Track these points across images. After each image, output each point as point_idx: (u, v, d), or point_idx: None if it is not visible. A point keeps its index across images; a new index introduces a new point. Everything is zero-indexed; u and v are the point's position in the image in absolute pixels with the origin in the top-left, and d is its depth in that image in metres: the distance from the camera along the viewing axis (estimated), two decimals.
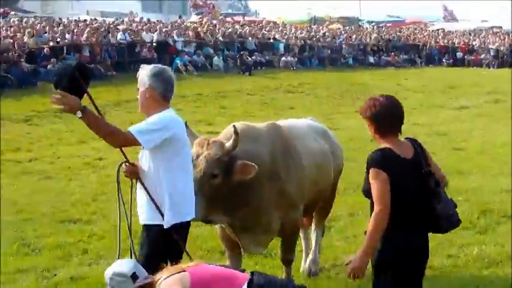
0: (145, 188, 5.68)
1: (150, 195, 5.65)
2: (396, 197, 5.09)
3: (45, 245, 9.22)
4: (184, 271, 4.71)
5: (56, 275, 8.18)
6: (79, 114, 5.23)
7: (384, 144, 5.27)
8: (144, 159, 5.76)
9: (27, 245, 9.19)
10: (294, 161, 7.15)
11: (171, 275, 4.67)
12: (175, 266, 4.82)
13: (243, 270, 5.04)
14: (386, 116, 5.25)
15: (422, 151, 5.38)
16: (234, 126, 6.37)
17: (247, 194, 6.59)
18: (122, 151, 5.72)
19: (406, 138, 5.43)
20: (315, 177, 7.45)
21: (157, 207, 5.63)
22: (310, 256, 8.32)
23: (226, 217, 6.66)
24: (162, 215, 5.61)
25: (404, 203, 5.14)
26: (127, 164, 5.78)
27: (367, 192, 5.23)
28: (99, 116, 5.53)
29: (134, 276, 4.73)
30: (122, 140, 5.54)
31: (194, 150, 6.30)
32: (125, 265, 4.85)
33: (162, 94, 5.74)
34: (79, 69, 5.43)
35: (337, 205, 8.79)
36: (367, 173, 5.21)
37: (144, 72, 5.79)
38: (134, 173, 5.76)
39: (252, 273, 4.83)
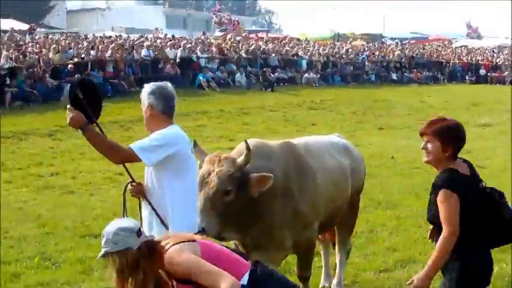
0: (150, 204, 5.75)
1: (155, 211, 5.72)
2: (466, 216, 5.10)
3: (66, 259, 9.28)
4: (194, 240, 4.67)
5: None
6: (80, 130, 5.38)
7: (448, 166, 5.27)
8: (149, 175, 5.83)
9: (48, 259, 9.25)
10: (308, 179, 7.06)
11: (180, 242, 4.61)
12: (184, 235, 4.77)
13: (247, 259, 4.97)
14: (462, 138, 5.33)
15: (473, 166, 5.46)
16: (245, 141, 6.29)
17: (259, 211, 6.51)
18: (127, 170, 5.77)
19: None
20: (331, 195, 7.37)
21: (162, 222, 5.69)
22: (335, 280, 8.21)
23: (238, 234, 6.58)
24: (167, 229, 5.65)
25: (473, 219, 5.15)
26: (133, 183, 5.84)
27: (435, 218, 5.20)
28: (99, 133, 5.61)
29: (139, 233, 4.66)
30: (122, 157, 5.61)
31: (205, 167, 6.18)
32: (129, 221, 4.79)
33: (162, 111, 5.82)
34: (81, 85, 5.54)
35: (358, 222, 8.76)
36: (435, 195, 5.18)
37: (144, 90, 5.90)
38: (141, 192, 5.84)
39: (256, 264, 4.78)
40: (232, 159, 6.21)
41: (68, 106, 5.45)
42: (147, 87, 5.91)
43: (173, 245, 4.58)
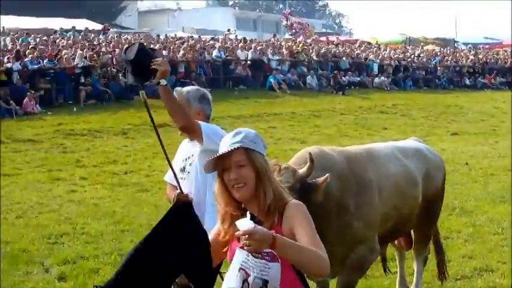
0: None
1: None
2: None
3: None
4: None
5: None
6: (163, 82, 5.44)
7: None
8: (193, 168, 5.88)
9: (125, 255, 9.32)
10: (366, 193, 6.67)
11: None
12: None
13: None
14: None
15: None
16: (310, 153, 5.97)
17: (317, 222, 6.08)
18: (178, 184, 5.48)
19: None
20: (395, 203, 7.01)
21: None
22: None
23: None
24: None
25: None
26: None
27: None
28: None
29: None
30: (188, 122, 5.64)
31: None
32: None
33: (208, 116, 6.06)
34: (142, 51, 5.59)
35: None
36: None
37: (193, 94, 6.04)
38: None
39: None
40: (293, 170, 5.88)
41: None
42: (196, 92, 6.10)
43: None
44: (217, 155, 3.84)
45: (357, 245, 6.62)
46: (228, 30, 50.36)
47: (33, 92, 24.25)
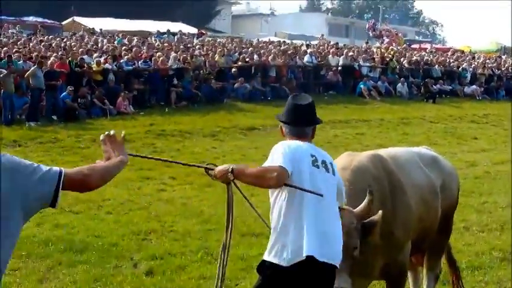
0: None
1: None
2: None
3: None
4: None
5: (237, 284, 8.49)
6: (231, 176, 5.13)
7: None
8: None
9: (211, 254, 9.52)
10: (401, 198, 6.40)
11: None
12: None
13: None
14: None
15: None
16: (370, 191, 5.56)
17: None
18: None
19: None
20: (420, 214, 6.67)
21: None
22: None
23: None
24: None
25: None
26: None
27: None
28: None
29: None
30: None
31: None
32: None
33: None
34: None
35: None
36: None
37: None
38: None
39: None
40: (349, 211, 5.47)
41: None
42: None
43: None
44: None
45: (395, 252, 6.40)
46: (322, 35, 50.43)
47: (127, 92, 24.86)
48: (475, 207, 13.15)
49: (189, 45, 34.50)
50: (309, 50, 35.73)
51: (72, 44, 30.18)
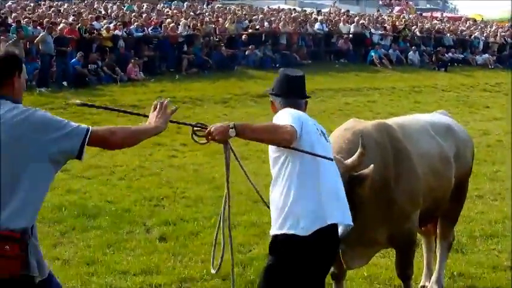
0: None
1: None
2: None
3: (240, 221, 9.52)
4: None
5: (251, 250, 8.50)
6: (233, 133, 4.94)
7: None
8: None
9: (224, 220, 9.48)
10: (406, 166, 6.32)
11: None
12: None
13: None
14: None
15: None
16: (361, 137, 5.57)
17: (354, 210, 5.28)
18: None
19: None
20: (430, 184, 6.58)
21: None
22: (434, 276, 7.46)
23: None
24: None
25: None
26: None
27: None
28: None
29: None
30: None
31: None
32: None
33: None
34: None
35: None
36: None
37: None
38: None
39: None
40: (339, 161, 5.42)
41: None
42: None
43: None
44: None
45: (400, 222, 6.34)
46: (334, 3, 50.12)
47: (137, 59, 24.77)
48: (488, 176, 13.10)
49: (198, 12, 34.33)
50: (319, 18, 35.49)
51: (82, 10, 30.04)
